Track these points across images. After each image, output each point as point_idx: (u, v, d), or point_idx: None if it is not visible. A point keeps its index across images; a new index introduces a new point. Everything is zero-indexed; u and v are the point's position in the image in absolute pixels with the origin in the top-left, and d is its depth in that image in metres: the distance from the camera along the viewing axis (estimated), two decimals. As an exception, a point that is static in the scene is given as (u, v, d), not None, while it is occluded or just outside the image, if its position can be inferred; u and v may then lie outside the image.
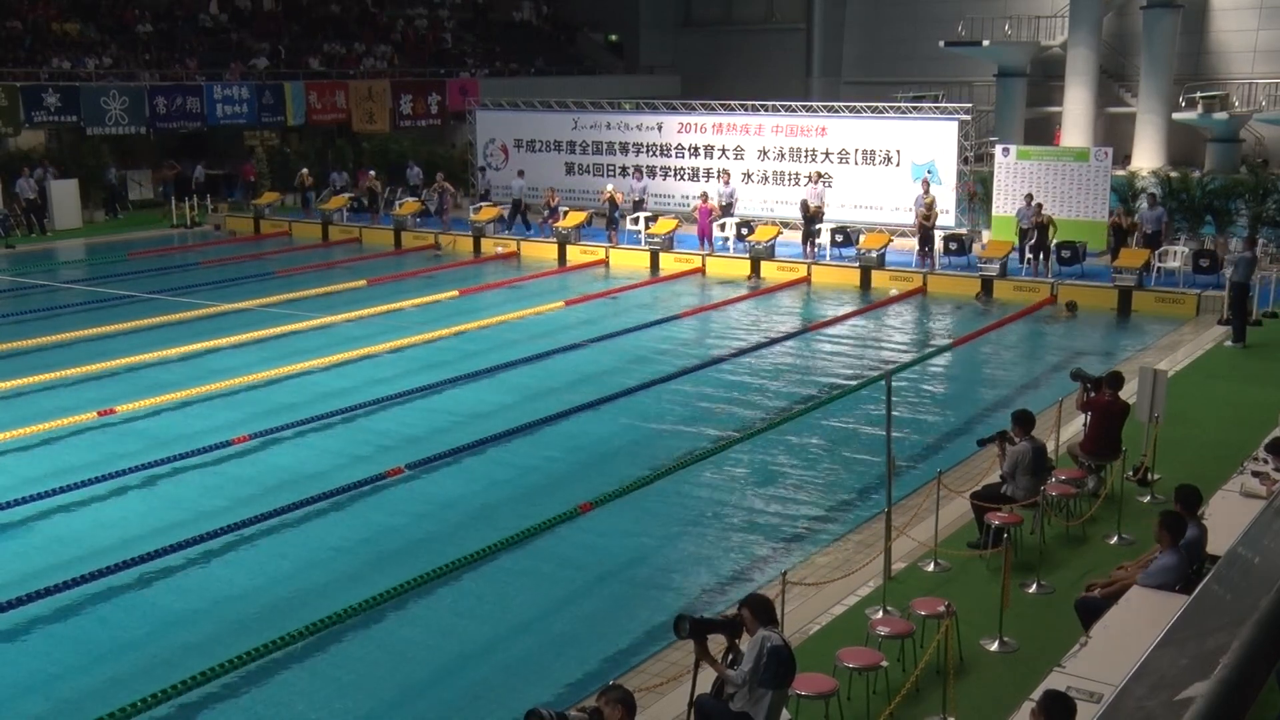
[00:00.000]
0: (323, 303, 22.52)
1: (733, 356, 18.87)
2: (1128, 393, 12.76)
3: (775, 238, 26.21)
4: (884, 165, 27.69)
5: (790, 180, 28.90)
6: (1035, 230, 23.87)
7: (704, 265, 26.45)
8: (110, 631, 9.84)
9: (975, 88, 44.17)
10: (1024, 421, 11.15)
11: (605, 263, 27.41)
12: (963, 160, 26.82)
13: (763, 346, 19.59)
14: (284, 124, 37.85)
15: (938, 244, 24.95)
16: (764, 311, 22.82)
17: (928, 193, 25.45)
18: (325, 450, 14.26)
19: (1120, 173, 28.62)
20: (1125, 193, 26.40)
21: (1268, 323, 20.26)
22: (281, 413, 15.42)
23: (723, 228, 27.42)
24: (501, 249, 28.91)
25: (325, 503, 12.42)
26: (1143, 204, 25.39)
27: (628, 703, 6.17)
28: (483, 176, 33.36)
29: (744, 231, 27.06)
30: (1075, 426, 13.37)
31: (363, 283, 24.71)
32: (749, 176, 29.45)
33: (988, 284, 23.44)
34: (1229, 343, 18.90)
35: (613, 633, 9.81)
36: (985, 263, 23.83)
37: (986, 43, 41.78)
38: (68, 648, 9.57)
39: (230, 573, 10.92)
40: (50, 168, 32.17)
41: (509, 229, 29.94)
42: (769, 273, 25.71)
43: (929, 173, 26.50)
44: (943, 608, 8.40)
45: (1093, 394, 12.61)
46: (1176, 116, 39.15)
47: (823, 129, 28.56)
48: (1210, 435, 14.02)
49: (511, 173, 31.81)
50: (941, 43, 43.20)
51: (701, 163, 30.32)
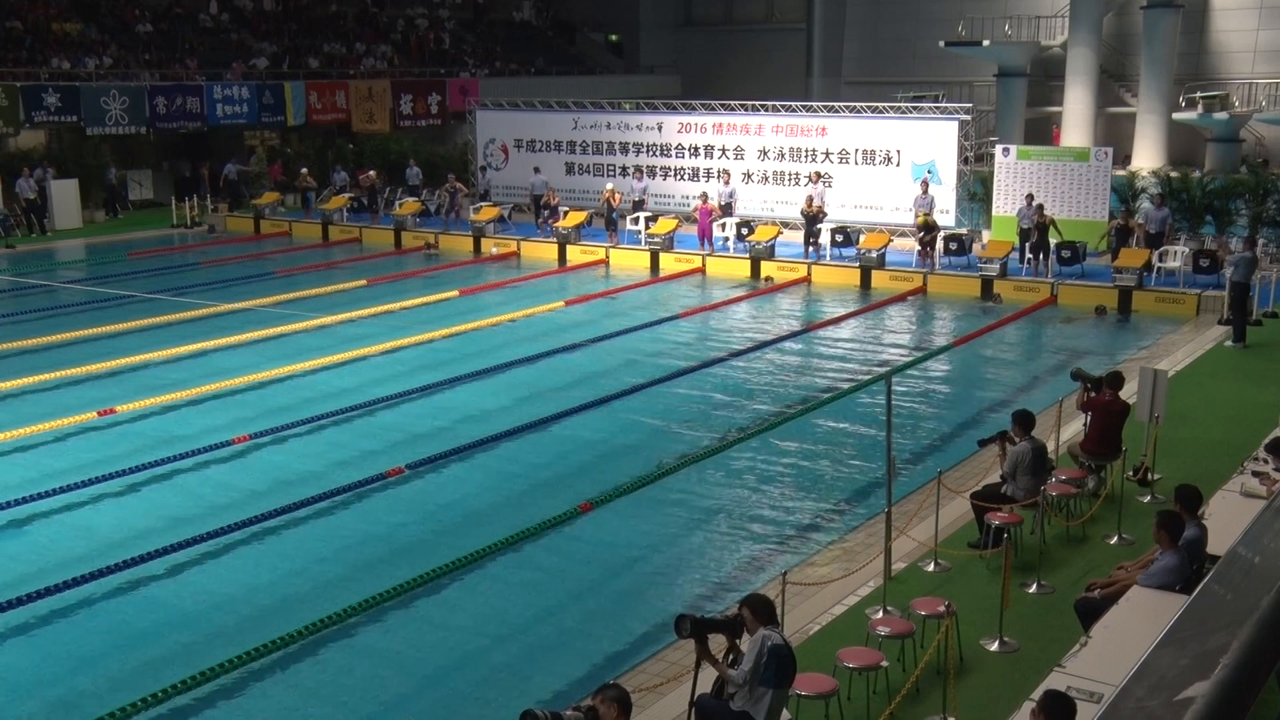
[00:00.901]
0: (323, 303, 22.51)
1: (733, 357, 18.87)
2: (1128, 393, 12.76)
3: (775, 238, 26.22)
4: (884, 165, 27.69)
5: (790, 180, 28.90)
6: (1036, 230, 23.89)
7: (704, 265, 26.45)
8: (110, 631, 9.83)
9: (975, 88, 44.21)
10: (1024, 421, 11.15)
11: (605, 263, 27.42)
12: (963, 160, 26.82)
13: (763, 347, 19.58)
14: (284, 124, 37.86)
15: (938, 244, 24.94)
16: (764, 312, 22.82)
17: (926, 192, 25.48)
18: (325, 450, 14.27)
19: (1120, 173, 28.62)
20: (1125, 193, 26.40)
21: (1268, 323, 20.26)
22: (281, 413, 15.43)
23: (723, 228, 27.42)
24: (497, 249, 28.90)
25: (325, 503, 12.43)
26: (1145, 203, 25.40)
27: (623, 701, 6.15)
28: (483, 176, 33.36)
29: (744, 231, 27.05)
30: (1075, 426, 13.37)
31: (363, 283, 24.72)
32: (749, 176, 29.44)
33: (988, 284, 23.44)
34: (1229, 343, 18.91)
35: (613, 632, 9.81)
36: (985, 263, 23.83)
37: (987, 43, 41.82)
38: (67, 648, 9.56)
39: (231, 572, 10.92)
40: (49, 168, 32.17)
41: (538, 226, 29.62)
42: (769, 273, 25.71)
43: (929, 173, 26.51)
44: (943, 608, 8.39)
45: (1093, 394, 12.61)
46: (1176, 116, 39.18)
47: (823, 129, 28.56)
48: (1210, 435, 14.02)
49: (519, 171, 31.91)
50: (942, 43, 43.25)
51: (702, 163, 30.31)
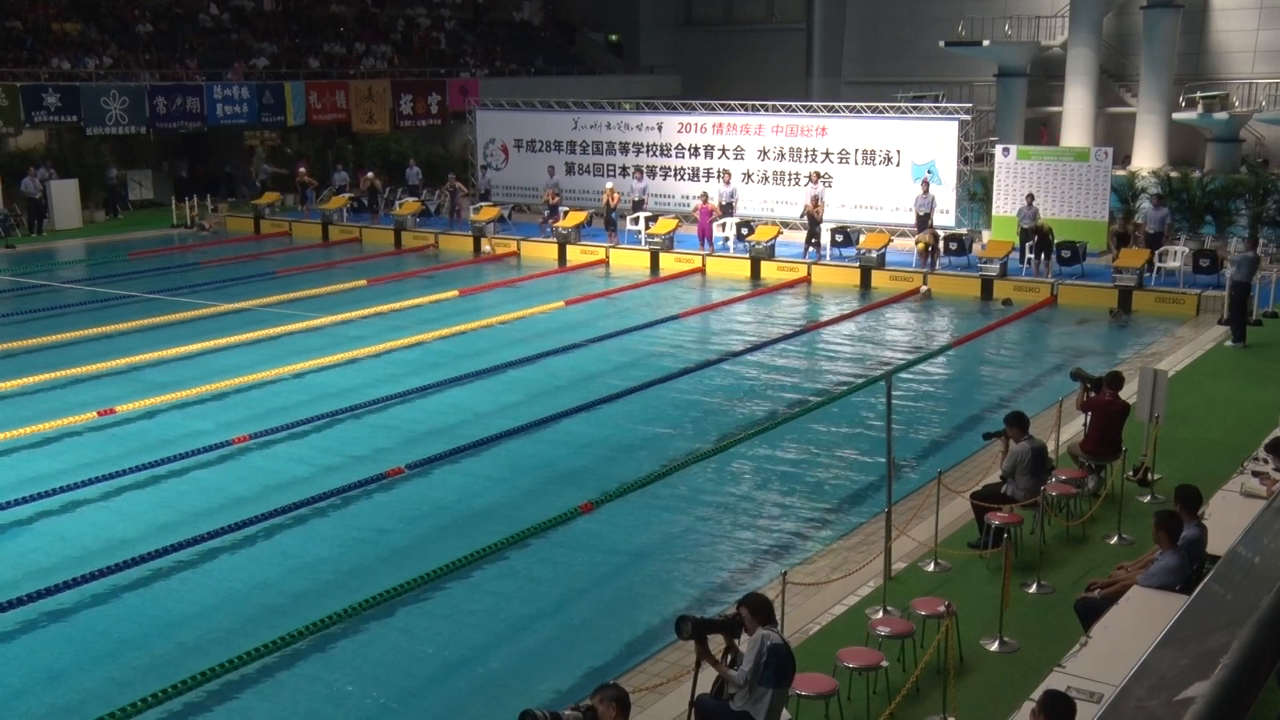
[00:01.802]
0: (323, 303, 22.51)
1: (733, 357, 18.87)
2: (1128, 393, 12.76)
3: (775, 238, 26.22)
4: (884, 165, 27.69)
5: (790, 180, 28.90)
6: (1036, 230, 23.89)
7: (704, 265, 26.45)
8: (110, 632, 9.83)
9: (975, 88, 44.20)
10: (1019, 423, 11.16)
11: (605, 263, 27.42)
12: (963, 160, 26.82)
13: (763, 347, 19.59)
14: (284, 124, 37.85)
15: (939, 245, 24.95)
16: (764, 312, 22.82)
17: (926, 192, 25.48)
18: (325, 450, 14.26)
19: (1120, 173, 28.62)
20: (1125, 193, 26.39)
21: (1268, 323, 20.26)
22: (281, 413, 15.43)
23: (723, 228, 27.42)
24: (489, 248, 28.83)
25: (324, 502, 12.43)
26: (1145, 204, 25.39)
27: (622, 701, 6.16)
28: (483, 176, 33.36)
29: (744, 231, 27.05)
30: (1075, 426, 13.37)
31: (363, 283, 24.72)
32: (749, 176, 29.44)
33: (988, 284, 23.44)
34: (1229, 343, 18.90)
35: (613, 632, 9.81)
36: (985, 263, 23.82)
37: (986, 43, 41.81)
38: (67, 648, 9.56)
39: (231, 572, 10.92)
40: (51, 168, 32.16)
41: (547, 226, 29.45)
42: (769, 273, 25.71)
43: (929, 173, 26.51)
44: (943, 608, 8.40)
45: (1093, 394, 12.61)
46: (1176, 116, 39.17)
47: (823, 129, 28.56)
48: (1210, 435, 14.02)
49: (519, 171, 31.88)
50: (942, 43, 43.25)
51: (702, 163, 30.31)
